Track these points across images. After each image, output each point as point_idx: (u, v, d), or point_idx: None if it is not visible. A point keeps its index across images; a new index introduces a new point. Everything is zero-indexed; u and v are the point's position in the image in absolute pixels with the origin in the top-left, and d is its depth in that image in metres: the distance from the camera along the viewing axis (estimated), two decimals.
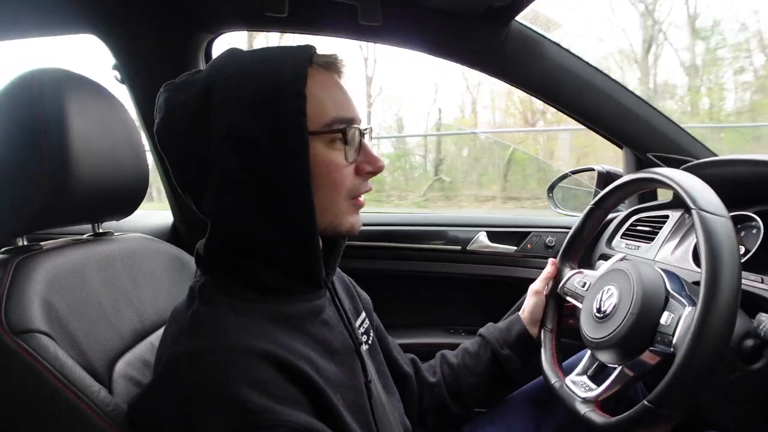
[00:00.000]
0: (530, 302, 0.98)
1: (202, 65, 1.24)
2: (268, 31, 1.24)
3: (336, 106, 0.63)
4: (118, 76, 1.24)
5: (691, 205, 0.68)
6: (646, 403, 0.64)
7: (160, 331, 0.74)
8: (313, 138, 0.60)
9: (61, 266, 0.68)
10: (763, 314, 0.74)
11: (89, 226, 0.85)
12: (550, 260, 1.00)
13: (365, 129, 0.67)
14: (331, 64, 0.65)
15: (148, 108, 1.23)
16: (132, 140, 0.81)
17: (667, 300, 0.72)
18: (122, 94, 1.25)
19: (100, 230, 0.86)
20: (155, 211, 1.71)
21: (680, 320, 0.68)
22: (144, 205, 0.87)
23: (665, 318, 0.70)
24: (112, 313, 0.72)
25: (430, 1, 1.06)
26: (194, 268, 0.91)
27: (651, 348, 0.71)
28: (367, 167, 0.66)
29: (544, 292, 0.98)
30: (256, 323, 0.58)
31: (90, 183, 0.71)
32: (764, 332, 0.72)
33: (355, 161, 0.65)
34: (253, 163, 0.58)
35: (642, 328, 0.71)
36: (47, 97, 0.66)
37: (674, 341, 0.67)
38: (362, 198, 0.68)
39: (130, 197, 0.82)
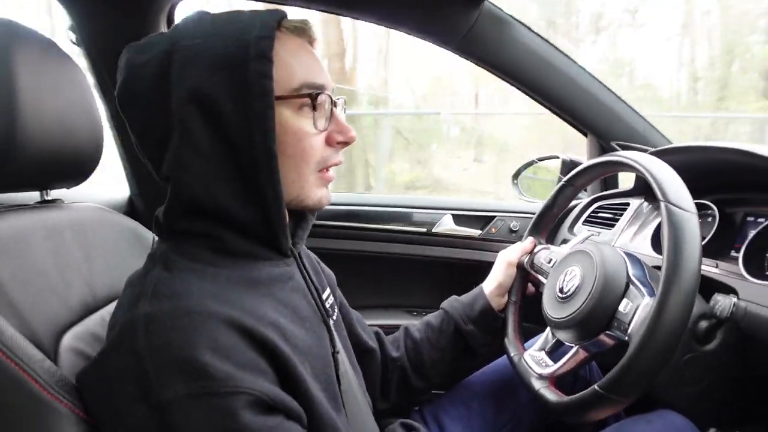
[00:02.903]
0: (502, 271, 0.98)
1: (164, 30, 1.19)
2: None
3: (305, 71, 0.61)
4: (74, 38, 1.18)
5: (660, 197, 0.69)
6: (596, 388, 0.66)
7: (113, 305, 0.70)
8: (279, 103, 0.58)
9: (5, 232, 0.64)
10: (719, 294, 0.77)
11: (37, 193, 0.80)
12: (530, 238, 1.01)
13: (337, 98, 0.66)
14: (301, 30, 0.63)
15: (106, 72, 1.18)
16: (87, 103, 0.76)
17: (627, 287, 0.73)
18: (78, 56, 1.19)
19: (49, 197, 0.81)
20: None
21: (637, 310, 0.70)
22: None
23: (623, 305, 0.71)
24: (60, 283, 0.68)
25: None
26: (151, 243, 0.87)
27: (607, 332, 0.73)
28: (339, 137, 0.65)
29: (515, 263, 0.98)
30: (221, 288, 0.56)
31: (39, 146, 0.66)
32: (720, 311, 0.75)
33: (325, 130, 0.63)
34: (217, 124, 0.56)
35: (600, 313, 0.72)
36: None
37: (630, 330, 0.69)
38: (331, 172, 0.67)
39: (82, 164, 0.78)
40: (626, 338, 0.69)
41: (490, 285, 0.98)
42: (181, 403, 0.48)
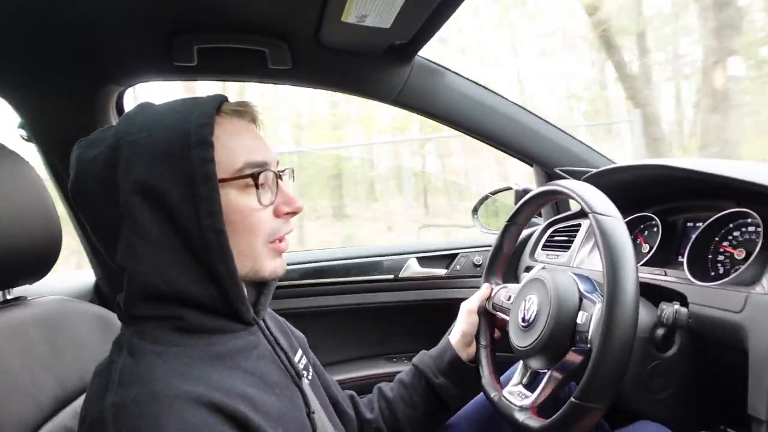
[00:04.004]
0: (464, 321, 0.99)
1: (114, 118, 1.22)
2: (178, 80, 1.24)
3: (246, 151, 0.63)
4: (25, 135, 1.19)
5: (587, 209, 0.74)
6: (573, 400, 0.67)
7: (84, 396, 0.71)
8: (224, 185, 0.61)
9: None
10: (664, 303, 0.81)
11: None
12: (486, 284, 1.03)
13: (283, 170, 0.68)
14: (241, 111, 0.66)
15: (60, 164, 1.20)
16: (41, 199, 0.78)
17: (581, 301, 0.76)
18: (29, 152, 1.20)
19: (10, 296, 0.81)
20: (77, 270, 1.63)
21: (593, 317, 0.73)
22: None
23: (581, 317, 0.74)
24: (28, 382, 0.68)
25: (334, 44, 1.10)
26: (119, 327, 0.88)
27: (573, 348, 0.75)
28: (285, 208, 0.67)
29: (476, 310, 1.00)
30: (186, 366, 0.57)
31: None
32: (666, 318, 0.79)
33: (271, 203, 0.65)
34: (164, 212, 0.58)
35: (562, 331, 0.75)
36: None
37: (590, 336, 0.72)
38: (284, 242, 0.69)
39: (42, 259, 0.79)
40: (589, 345, 0.72)
41: (455, 336, 0.98)
42: None
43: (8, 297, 0.81)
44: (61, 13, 0.94)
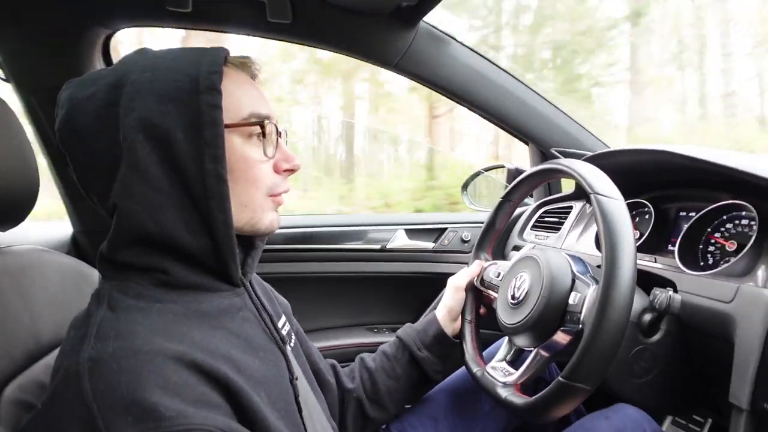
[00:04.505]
0: (451, 296, 1.00)
1: (99, 63, 1.16)
2: (170, 27, 1.18)
3: (252, 102, 0.64)
4: (2, 75, 1.14)
5: (589, 190, 0.73)
6: (560, 378, 0.68)
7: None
8: (229, 131, 0.60)
9: None
10: (657, 288, 0.82)
11: None
12: (477, 261, 1.03)
13: (281, 129, 0.68)
14: (245, 65, 0.67)
15: (40, 108, 1.14)
16: (18, 143, 0.74)
17: (573, 282, 0.77)
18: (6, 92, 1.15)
19: None
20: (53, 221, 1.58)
21: (586, 298, 0.73)
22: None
23: (573, 298, 0.75)
24: None
25: (339, 0, 1.06)
26: (97, 281, 0.85)
27: (562, 328, 0.75)
28: (285, 164, 0.67)
29: (464, 287, 1.00)
30: (168, 323, 0.55)
31: None
32: (659, 303, 0.79)
33: (272, 157, 0.65)
34: (167, 153, 0.57)
35: (552, 310, 0.75)
36: None
37: (582, 317, 0.72)
38: (282, 197, 0.69)
39: (17, 205, 0.75)
40: (580, 326, 0.72)
41: (441, 311, 0.99)
42: None
43: None
44: None
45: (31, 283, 0.75)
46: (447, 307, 0.99)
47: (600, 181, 0.74)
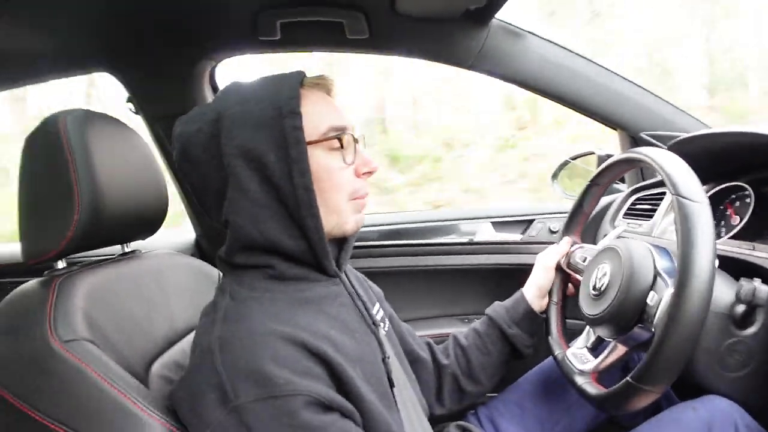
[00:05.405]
0: (540, 276, 1.02)
1: (208, 91, 1.33)
2: (263, 53, 1.32)
3: (328, 117, 0.72)
4: (132, 108, 1.34)
5: (671, 190, 0.70)
6: (628, 379, 0.68)
7: (190, 336, 0.83)
8: (312, 147, 0.70)
9: (98, 284, 0.77)
10: (744, 279, 0.77)
11: (118, 247, 0.94)
12: (566, 238, 1.05)
13: (358, 136, 0.75)
14: (320, 84, 0.75)
15: (163, 135, 1.33)
16: (151, 167, 0.90)
17: (655, 279, 0.74)
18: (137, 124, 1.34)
19: (128, 249, 0.95)
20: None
21: (661, 301, 0.71)
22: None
23: (651, 297, 0.73)
24: (146, 322, 0.81)
25: (410, 10, 1.11)
26: (217, 278, 0.99)
27: (639, 325, 0.75)
28: (364, 168, 0.75)
29: (553, 266, 1.02)
30: (278, 309, 0.67)
31: (118, 209, 0.80)
32: (744, 295, 0.74)
33: (352, 163, 0.74)
34: (263, 172, 0.68)
35: (630, 307, 0.74)
36: (73, 136, 0.74)
37: (655, 321, 0.71)
38: (364, 199, 0.77)
39: (153, 218, 0.91)
40: (653, 329, 0.71)
41: (529, 288, 1.02)
42: (252, 406, 0.58)
43: (126, 250, 0.94)
44: None
45: (167, 281, 0.91)
46: (536, 285, 1.01)
47: (682, 180, 0.71)
